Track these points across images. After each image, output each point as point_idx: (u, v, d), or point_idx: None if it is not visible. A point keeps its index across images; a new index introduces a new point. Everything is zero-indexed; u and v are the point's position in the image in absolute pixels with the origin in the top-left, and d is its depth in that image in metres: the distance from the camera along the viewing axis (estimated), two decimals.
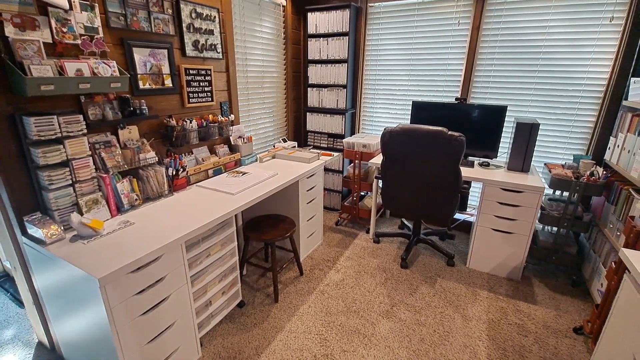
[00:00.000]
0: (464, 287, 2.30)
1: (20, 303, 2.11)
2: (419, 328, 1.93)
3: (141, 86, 1.82)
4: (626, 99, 2.19)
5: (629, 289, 1.27)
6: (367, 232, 3.08)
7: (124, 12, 1.68)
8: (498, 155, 2.61)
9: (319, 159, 2.66)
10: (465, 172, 2.40)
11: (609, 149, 2.29)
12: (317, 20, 3.05)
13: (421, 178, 2.26)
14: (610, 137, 2.32)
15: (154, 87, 1.90)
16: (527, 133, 2.26)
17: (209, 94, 2.28)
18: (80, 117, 1.49)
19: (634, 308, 1.21)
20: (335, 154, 2.89)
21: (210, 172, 2.22)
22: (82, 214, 1.50)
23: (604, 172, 2.15)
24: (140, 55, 1.80)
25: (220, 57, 2.33)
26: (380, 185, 2.59)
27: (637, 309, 1.19)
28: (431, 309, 2.09)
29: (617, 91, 2.29)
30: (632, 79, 2.10)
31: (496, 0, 2.53)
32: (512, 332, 1.91)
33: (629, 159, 1.96)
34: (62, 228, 1.41)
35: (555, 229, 2.45)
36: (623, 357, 1.23)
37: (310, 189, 2.53)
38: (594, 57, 2.35)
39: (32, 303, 1.63)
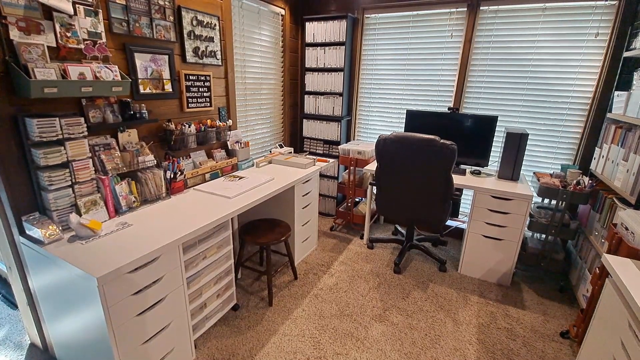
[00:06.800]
0: (455, 292, 2.34)
1: (12, 304, 2.09)
2: (411, 332, 1.96)
3: (142, 90, 1.86)
4: (610, 111, 2.28)
5: (610, 293, 1.32)
6: (361, 237, 3.12)
7: (126, 19, 1.73)
8: (489, 163, 2.68)
9: (314, 165, 2.70)
10: (457, 179, 2.46)
11: (594, 159, 2.37)
12: (314, 30, 3.12)
13: (414, 185, 2.31)
14: (596, 147, 2.40)
15: (154, 91, 1.93)
16: (516, 142, 2.34)
17: (207, 99, 2.32)
18: (82, 119, 1.51)
19: (615, 311, 1.27)
20: (331, 160, 2.94)
21: (207, 175, 2.25)
22: (80, 215, 1.52)
23: (590, 181, 2.23)
24: (141, 61, 1.83)
25: (220, 63, 2.37)
26: (375, 191, 2.64)
27: (618, 312, 1.25)
28: (423, 313, 2.13)
29: (602, 104, 2.38)
30: (616, 93, 2.19)
31: (488, 14, 2.64)
32: (501, 336, 1.96)
33: (612, 168, 2.04)
34: (60, 228, 1.43)
35: (543, 236, 2.52)
36: (604, 358, 1.28)
37: (306, 194, 2.56)
38: (580, 70, 2.44)
39: (27, 304, 1.63)
